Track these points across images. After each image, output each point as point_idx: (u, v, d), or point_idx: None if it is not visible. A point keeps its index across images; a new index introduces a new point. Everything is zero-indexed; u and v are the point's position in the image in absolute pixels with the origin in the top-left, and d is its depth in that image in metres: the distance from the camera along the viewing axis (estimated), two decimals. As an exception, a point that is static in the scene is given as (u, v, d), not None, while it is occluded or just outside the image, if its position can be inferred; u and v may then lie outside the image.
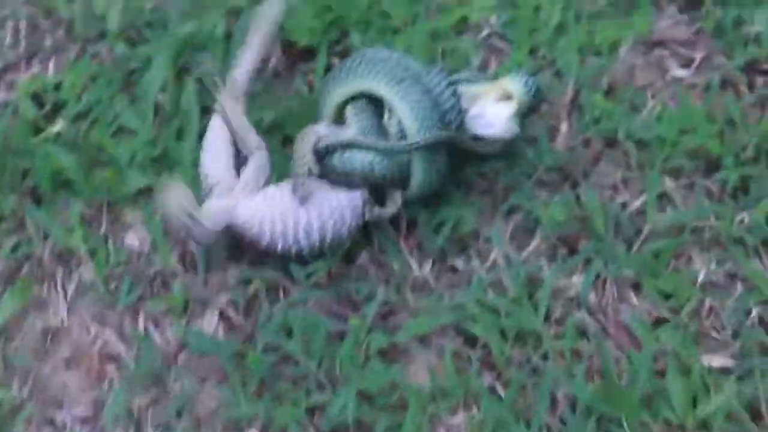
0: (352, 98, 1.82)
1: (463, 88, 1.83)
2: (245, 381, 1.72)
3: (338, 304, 1.82)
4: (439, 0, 2.21)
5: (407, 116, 1.76)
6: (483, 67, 2.11)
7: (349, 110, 1.81)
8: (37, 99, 2.08)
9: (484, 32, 2.18)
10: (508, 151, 1.94)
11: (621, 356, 1.75)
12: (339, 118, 1.84)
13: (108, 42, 2.17)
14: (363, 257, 1.88)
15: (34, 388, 1.77)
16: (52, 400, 1.76)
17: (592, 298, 1.83)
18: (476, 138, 1.85)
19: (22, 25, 2.22)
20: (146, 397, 1.75)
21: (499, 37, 2.17)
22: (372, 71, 1.79)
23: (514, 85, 1.84)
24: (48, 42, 2.20)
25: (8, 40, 2.21)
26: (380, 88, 1.77)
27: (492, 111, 1.84)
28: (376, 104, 1.82)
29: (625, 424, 1.66)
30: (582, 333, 1.78)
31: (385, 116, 1.80)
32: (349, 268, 1.86)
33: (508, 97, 1.84)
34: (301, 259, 1.80)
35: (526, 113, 1.87)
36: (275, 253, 1.78)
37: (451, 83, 1.80)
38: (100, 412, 1.75)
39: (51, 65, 2.16)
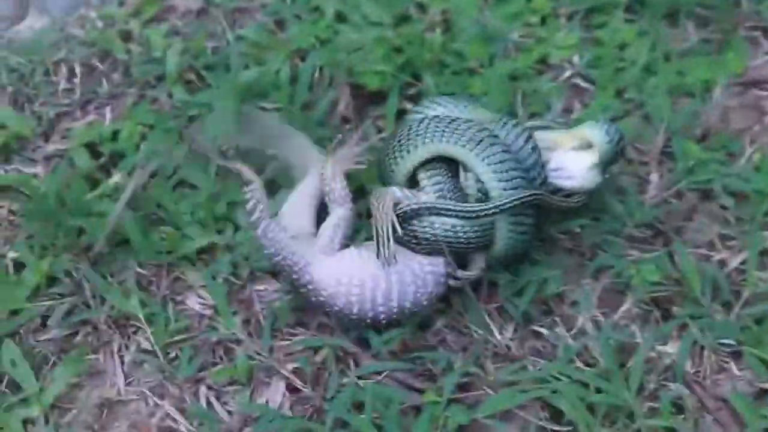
0: (427, 161, 1.71)
1: (539, 136, 1.71)
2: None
3: (413, 376, 1.72)
4: (517, 39, 2.09)
5: (490, 178, 1.65)
6: (566, 110, 1.99)
7: (423, 174, 1.71)
8: (93, 149, 1.99)
9: (567, 73, 2.07)
10: (591, 204, 1.82)
11: (722, 435, 1.62)
12: (411, 182, 1.72)
13: (166, 86, 2.06)
14: (440, 323, 1.77)
15: (87, 465, 1.68)
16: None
17: (688, 367, 1.71)
18: (556, 191, 1.72)
19: (78, 68, 2.12)
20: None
21: (583, 78, 2.06)
22: (445, 133, 1.68)
23: (594, 132, 1.73)
24: (104, 87, 2.11)
25: (62, 84, 2.11)
26: (457, 151, 1.67)
27: (572, 161, 1.72)
28: (449, 164, 1.71)
29: None
30: (678, 408, 1.66)
31: (462, 177, 1.69)
32: (425, 335, 1.76)
33: (588, 145, 1.72)
34: (376, 326, 1.69)
35: (608, 162, 1.75)
36: (349, 319, 1.69)
37: (529, 136, 1.68)
38: (160, 493, 1.65)
39: (107, 112, 2.07)
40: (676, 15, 2.13)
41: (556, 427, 1.65)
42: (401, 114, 1.97)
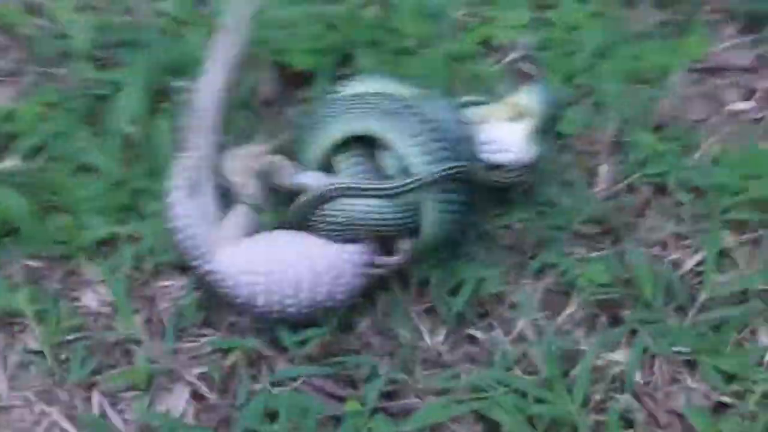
0: (342, 145, 1.55)
1: (470, 112, 1.55)
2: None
3: (333, 382, 1.56)
4: (460, 17, 1.92)
5: (409, 152, 1.49)
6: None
7: (339, 157, 1.55)
8: (-14, 129, 1.80)
9: (512, 55, 1.89)
10: (535, 197, 1.70)
11: (675, 453, 1.47)
12: (327, 169, 1.56)
13: (73, 64, 1.88)
14: (364, 325, 1.62)
15: (-37, 480, 1.50)
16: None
17: (638, 377, 1.56)
18: (492, 168, 1.56)
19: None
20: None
21: (529, 61, 1.89)
22: (357, 108, 1.52)
23: (527, 99, 1.57)
24: (2, 63, 1.92)
25: (-45, 58, 1.93)
26: (371, 126, 1.50)
27: (506, 133, 1.56)
28: (368, 147, 1.55)
29: None
30: (627, 423, 1.51)
31: (384, 158, 1.53)
32: (348, 337, 1.60)
33: (521, 114, 1.56)
34: (286, 322, 1.54)
35: (546, 131, 1.60)
36: (254, 314, 1.53)
37: (455, 108, 1.52)
38: None
39: (4, 90, 1.88)
40: (634, -1, 1.98)
41: (492, 443, 1.48)
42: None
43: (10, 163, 1.78)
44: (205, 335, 1.62)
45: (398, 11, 1.93)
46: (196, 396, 1.56)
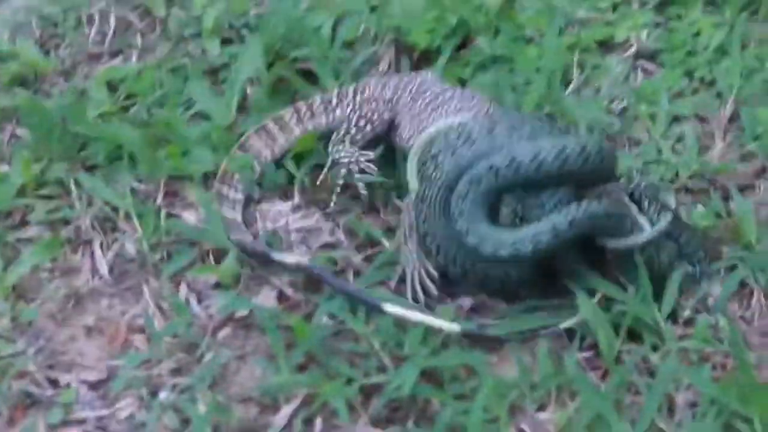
0: None
1: None
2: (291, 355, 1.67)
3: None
4: (583, 16, 2.22)
5: None
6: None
7: None
8: (113, 88, 2.14)
9: (632, 50, 2.18)
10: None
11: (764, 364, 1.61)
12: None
13: (201, 41, 2.23)
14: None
15: (44, 349, 1.74)
16: (61, 364, 1.72)
17: (734, 307, 1.72)
18: None
19: (112, 21, 2.32)
20: (170, 364, 1.69)
21: (650, 59, 2.17)
22: None
23: None
24: (137, 40, 2.29)
25: (93, 35, 2.31)
26: None
27: None
28: None
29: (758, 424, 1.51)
30: (717, 340, 1.65)
31: None
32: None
33: None
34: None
35: None
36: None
37: None
38: (114, 379, 1.69)
39: (134, 57, 2.24)
40: (759, 9, 2.24)
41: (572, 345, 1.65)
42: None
43: (133, 110, 2.10)
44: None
45: (523, 8, 2.23)
46: (283, 298, 1.79)
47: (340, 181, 1.86)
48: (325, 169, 1.87)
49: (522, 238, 1.61)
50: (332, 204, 1.87)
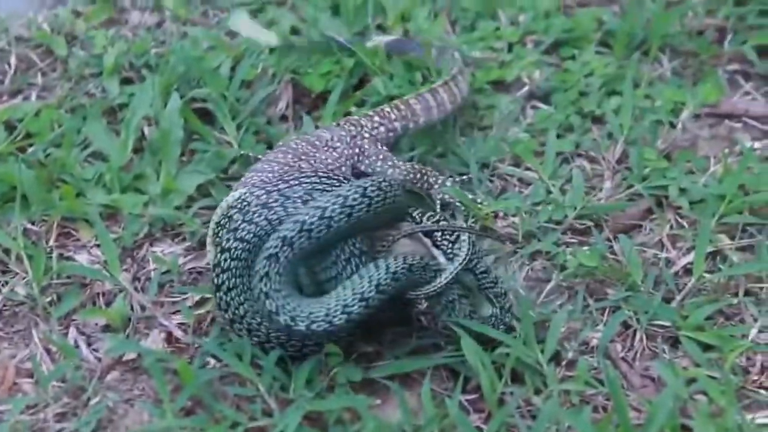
0: None
1: None
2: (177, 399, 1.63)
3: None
4: (477, 56, 2.24)
5: None
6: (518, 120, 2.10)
7: None
8: (11, 128, 2.11)
9: (525, 89, 2.19)
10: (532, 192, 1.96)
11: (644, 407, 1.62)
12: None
13: (102, 80, 2.21)
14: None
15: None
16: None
17: (617, 348, 1.72)
18: None
19: (13, 61, 2.29)
20: (57, 408, 1.67)
21: (541, 100, 2.19)
22: None
23: None
24: (38, 80, 2.27)
25: (-6, 76, 2.28)
26: None
27: None
28: None
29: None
30: (598, 381, 1.65)
31: None
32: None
33: None
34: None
35: None
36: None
37: None
38: (0, 426, 1.66)
39: (34, 96, 2.22)
40: (650, 49, 2.26)
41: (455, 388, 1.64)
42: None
43: (31, 150, 2.07)
44: (186, 294, 1.83)
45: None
46: (171, 340, 1.76)
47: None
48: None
49: (333, 310, 1.60)
50: None
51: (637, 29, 2.27)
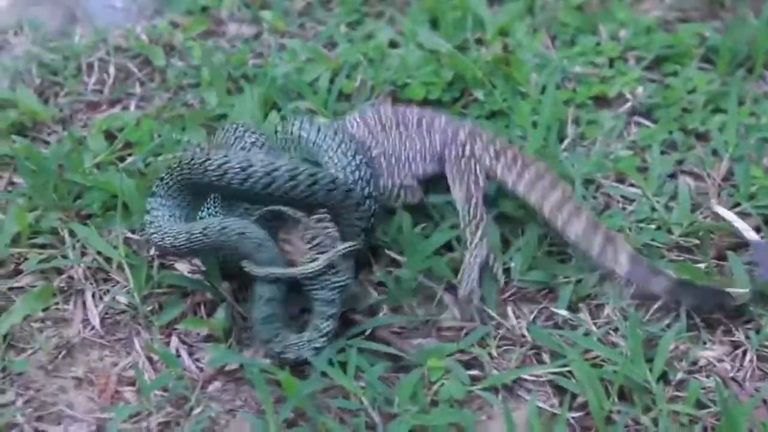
0: None
1: None
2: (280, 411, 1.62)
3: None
4: (578, 71, 2.21)
5: None
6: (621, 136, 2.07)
7: None
8: (111, 137, 2.11)
9: (627, 105, 2.16)
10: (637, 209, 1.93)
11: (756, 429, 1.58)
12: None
13: (200, 91, 2.21)
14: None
15: (33, 400, 1.70)
16: (50, 415, 1.68)
17: (726, 367, 1.68)
18: None
19: (112, 70, 2.30)
20: (160, 417, 1.66)
21: (644, 116, 2.16)
22: None
23: None
24: (136, 89, 2.27)
25: (93, 83, 2.29)
26: None
27: None
28: None
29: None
30: (710, 401, 1.63)
31: None
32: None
33: None
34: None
35: None
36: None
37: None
38: (104, 432, 1.66)
39: (133, 106, 2.22)
40: (754, 66, 2.22)
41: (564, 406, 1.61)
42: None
43: (130, 160, 2.07)
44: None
45: (518, 63, 2.21)
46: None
47: None
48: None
49: (180, 231, 1.70)
50: None
51: (741, 45, 2.23)
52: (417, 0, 2.45)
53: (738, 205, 1.93)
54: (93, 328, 1.80)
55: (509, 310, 1.80)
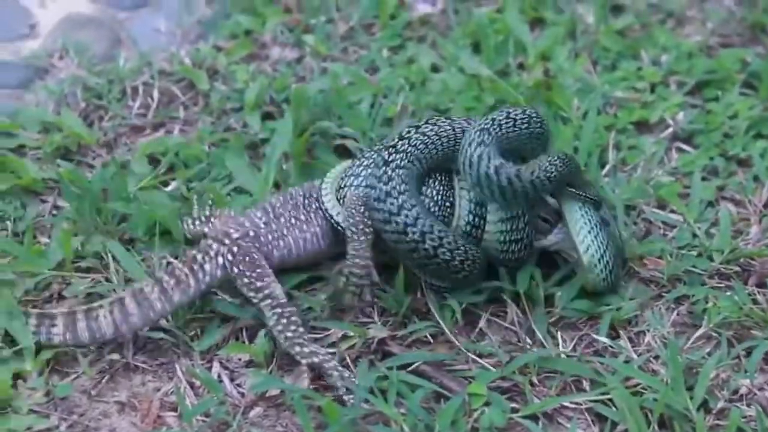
0: None
1: None
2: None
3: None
4: (620, 96, 2.21)
5: None
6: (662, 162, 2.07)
7: None
8: (155, 161, 2.13)
9: (669, 131, 2.16)
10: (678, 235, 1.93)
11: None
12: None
13: (243, 116, 2.23)
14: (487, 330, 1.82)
15: (76, 424, 1.72)
16: (93, 441, 1.70)
17: (767, 396, 1.68)
18: None
19: (155, 94, 2.32)
20: (203, 443, 1.67)
21: (685, 141, 2.16)
22: None
23: None
24: (180, 113, 2.29)
25: (137, 107, 2.30)
26: None
27: None
28: None
29: None
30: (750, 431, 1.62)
31: None
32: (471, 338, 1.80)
33: None
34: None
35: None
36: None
37: None
38: (147, 459, 1.67)
39: (176, 130, 2.24)
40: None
41: (604, 433, 1.61)
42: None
43: (174, 185, 2.09)
44: (329, 330, 1.83)
45: (560, 88, 2.21)
46: (314, 377, 1.75)
47: None
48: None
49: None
50: None
51: (783, 71, 2.21)
52: (459, 24, 2.46)
53: (779, 231, 1.90)
54: (135, 353, 1.80)
55: (553, 335, 1.80)
